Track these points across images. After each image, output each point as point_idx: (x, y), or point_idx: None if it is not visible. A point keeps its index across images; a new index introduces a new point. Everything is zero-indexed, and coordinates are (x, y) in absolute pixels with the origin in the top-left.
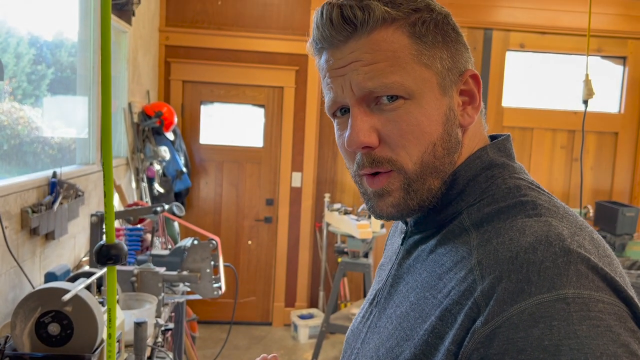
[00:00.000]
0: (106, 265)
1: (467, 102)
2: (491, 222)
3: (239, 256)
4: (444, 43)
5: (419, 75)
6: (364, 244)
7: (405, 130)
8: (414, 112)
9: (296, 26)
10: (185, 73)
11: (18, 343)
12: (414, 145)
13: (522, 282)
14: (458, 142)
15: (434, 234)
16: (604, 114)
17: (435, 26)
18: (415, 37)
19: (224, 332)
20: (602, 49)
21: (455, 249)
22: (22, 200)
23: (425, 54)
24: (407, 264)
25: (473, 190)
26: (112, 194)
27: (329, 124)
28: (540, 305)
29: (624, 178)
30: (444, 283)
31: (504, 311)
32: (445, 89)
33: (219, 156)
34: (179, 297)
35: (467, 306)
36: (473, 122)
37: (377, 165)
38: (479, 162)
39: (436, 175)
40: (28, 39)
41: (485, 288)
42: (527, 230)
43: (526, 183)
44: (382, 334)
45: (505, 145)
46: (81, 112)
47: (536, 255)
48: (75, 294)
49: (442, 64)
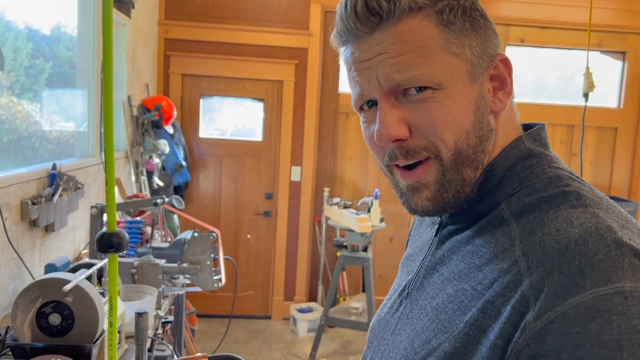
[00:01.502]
0: (108, 253)
1: (498, 87)
2: (532, 212)
3: (238, 250)
4: (473, 29)
5: (447, 65)
6: (363, 237)
7: (437, 118)
8: (444, 102)
9: (296, 20)
10: (185, 66)
11: (19, 333)
12: (447, 132)
13: (575, 275)
14: (490, 129)
15: (470, 225)
16: (604, 109)
17: (463, 13)
18: (443, 25)
19: (223, 325)
20: (602, 43)
21: (494, 240)
22: (22, 192)
23: (453, 42)
24: (441, 255)
25: (511, 180)
26: (113, 181)
27: (329, 118)
28: (597, 299)
29: (623, 173)
30: (484, 274)
31: (557, 305)
32: (475, 76)
33: (219, 150)
34: (179, 289)
35: (513, 299)
36: (505, 107)
37: (412, 155)
38: (516, 152)
39: (470, 164)
40: (26, 33)
41: (535, 281)
42: (574, 222)
43: (566, 173)
44: (415, 325)
45: (541, 134)
46: (80, 105)
47: (588, 247)
48: (76, 285)
49: (472, 51)
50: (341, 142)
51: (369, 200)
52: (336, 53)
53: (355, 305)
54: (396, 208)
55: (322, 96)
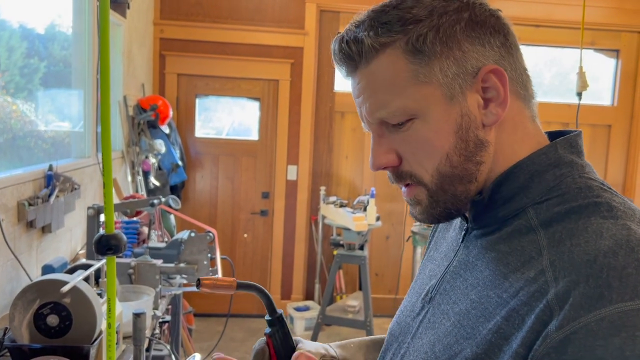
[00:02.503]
0: (106, 255)
1: (491, 99)
2: (561, 222)
3: (235, 249)
4: (446, 49)
5: (419, 95)
6: (360, 236)
7: (417, 147)
8: (422, 130)
9: (291, 19)
10: (180, 66)
11: (17, 334)
12: (427, 160)
13: (601, 287)
14: (481, 144)
15: (495, 230)
16: (598, 106)
17: (435, 34)
18: (410, 55)
19: (220, 324)
20: (596, 42)
21: (521, 248)
22: (19, 193)
23: (421, 71)
24: (466, 260)
25: (539, 187)
26: (111, 184)
27: (325, 117)
28: (623, 314)
29: (617, 170)
30: (510, 283)
31: (580, 317)
32: (453, 97)
33: (215, 149)
34: (176, 289)
35: (538, 308)
36: (498, 119)
37: (402, 179)
38: (544, 158)
39: (459, 181)
40: (20, 32)
41: (560, 291)
42: (605, 233)
43: (597, 184)
44: (437, 330)
45: (577, 141)
46: (76, 105)
47: (617, 260)
48: (74, 286)
49: (445, 74)
50: (337, 141)
51: (365, 199)
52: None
53: (351, 304)
54: (392, 206)
55: (318, 95)
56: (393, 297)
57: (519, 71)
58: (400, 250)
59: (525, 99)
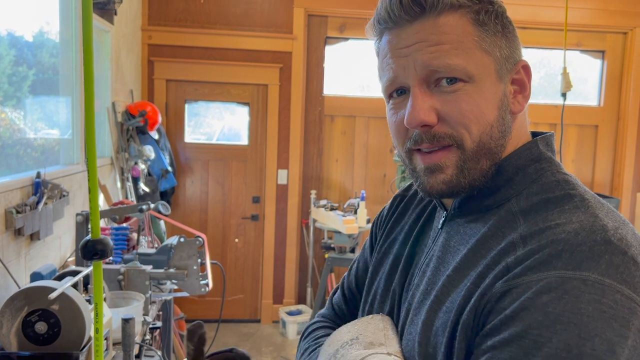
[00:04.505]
0: (92, 260)
1: (518, 90)
2: (539, 210)
3: (226, 254)
4: (504, 33)
5: (479, 61)
6: (351, 239)
7: (466, 109)
8: (474, 95)
9: (279, 24)
10: (169, 72)
11: (5, 342)
12: (473, 124)
13: (553, 256)
14: (509, 127)
15: (479, 218)
16: (584, 107)
17: (496, 17)
18: (479, 24)
19: (212, 330)
20: (581, 43)
21: (502, 233)
22: (6, 201)
23: (486, 40)
24: (447, 244)
25: (523, 179)
26: (96, 189)
27: (314, 120)
28: (559, 279)
29: (604, 170)
30: (487, 260)
31: (525, 275)
32: (501, 75)
33: (204, 154)
34: (167, 295)
35: (497, 268)
36: (523, 110)
37: (438, 140)
38: (528, 153)
39: (489, 156)
40: (8, 40)
41: (520, 256)
42: (574, 219)
43: (573, 179)
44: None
45: (552, 141)
46: (64, 112)
47: (576, 239)
48: (62, 292)
49: (501, 52)
50: (327, 145)
51: (356, 202)
52: (320, 56)
53: None
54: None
55: (307, 99)
56: None
57: None
58: None
59: (527, 98)
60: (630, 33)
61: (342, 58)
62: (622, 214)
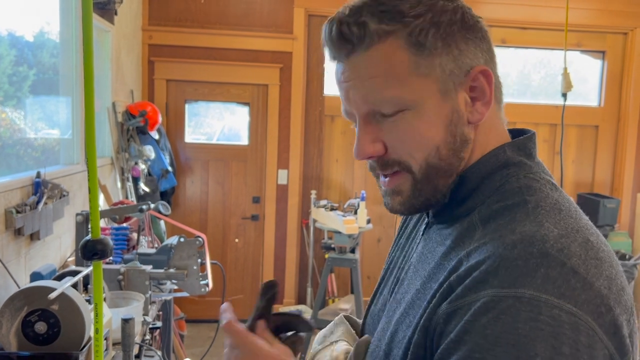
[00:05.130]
0: (92, 260)
1: (477, 98)
2: (496, 219)
3: (227, 254)
4: (446, 46)
5: (417, 87)
6: (351, 239)
7: (407, 137)
8: (414, 122)
9: (279, 24)
10: (169, 72)
11: (5, 342)
12: (416, 150)
13: (489, 274)
14: (466, 140)
15: (449, 227)
16: (585, 107)
17: (436, 31)
18: (413, 47)
19: (212, 330)
20: (582, 43)
21: (462, 244)
22: (6, 201)
23: (422, 64)
24: (422, 252)
25: (487, 187)
26: (96, 189)
27: (314, 120)
28: (495, 297)
29: (604, 170)
30: (442, 273)
31: (466, 296)
32: (447, 92)
33: (205, 154)
34: (167, 295)
35: (443, 287)
36: (483, 117)
37: (388, 167)
38: (494, 160)
39: (442, 174)
40: (9, 40)
41: (461, 274)
42: (517, 229)
43: (538, 185)
44: (391, 317)
45: (526, 143)
46: (64, 112)
47: (512, 252)
48: (62, 292)
49: (443, 69)
50: (327, 145)
51: (356, 202)
52: (321, 56)
53: (344, 307)
54: (383, 209)
55: (308, 99)
56: None
57: (497, 76)
58: None
59: (499, 100)
60: (630, 33)
61: None
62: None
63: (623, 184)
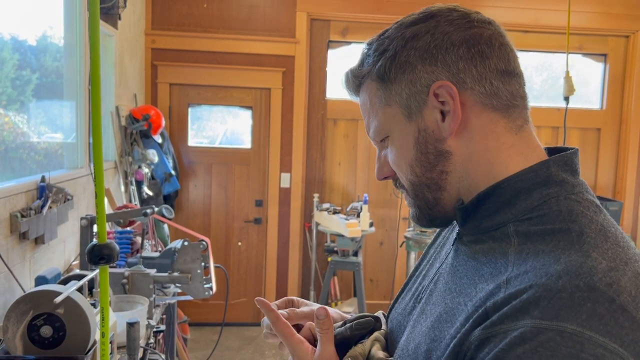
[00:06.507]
0: (98, 264)
1: (449, 112)
2: (534, 242)
3: (229, 258)
4: (401, 74)
5: (387, 116)
6: (354, 242)
7: (392, 160)
8: (392, 147)
9: (282, 28)
10: (172, 76)
11: (10, 346)
12: (399, 170)
13: (530, 304)
14: (440, 154)
15: (479, 240)
16: (587, 110)
17: (392, 62)
18: (382, 81)
19: (215, 333)
20: (583, 46)
21: (495, 261)
22: (11, 205)
23: (386, 94)
24: (452, 265)
25: (523, 204)
26: (103, 194)
27: (317, 124)
28: (534, 329)
29: (607, 173)
30: (476, 292)
31: (502, 324)
32: (410, 115)
33: (208, 158)
34: (170, 298)
35: (479, 312)
36: (453, 130)
37: (399, 186)
38: (533, 176)
39: (427, 189)
40: (12, 44)
41: (499, 301)
42: (562, 259)
43: (581, 207)
44: (416, 329)
45: (573, 159)
46: (68, 116)
47: (557, 283)
48: (67, 296)
49: (401, 95)
50: (330, 148)
51: (358, 205)
52: (323, 60)
53: (347, 310)
54: (385, 212)
55: (310, 103)
56: (388, 303)
57: (488, 80)
58: (394, 255)
59: (498, 108)
60: (632, 36)
61: (344, 62)
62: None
63: (625, 187)
